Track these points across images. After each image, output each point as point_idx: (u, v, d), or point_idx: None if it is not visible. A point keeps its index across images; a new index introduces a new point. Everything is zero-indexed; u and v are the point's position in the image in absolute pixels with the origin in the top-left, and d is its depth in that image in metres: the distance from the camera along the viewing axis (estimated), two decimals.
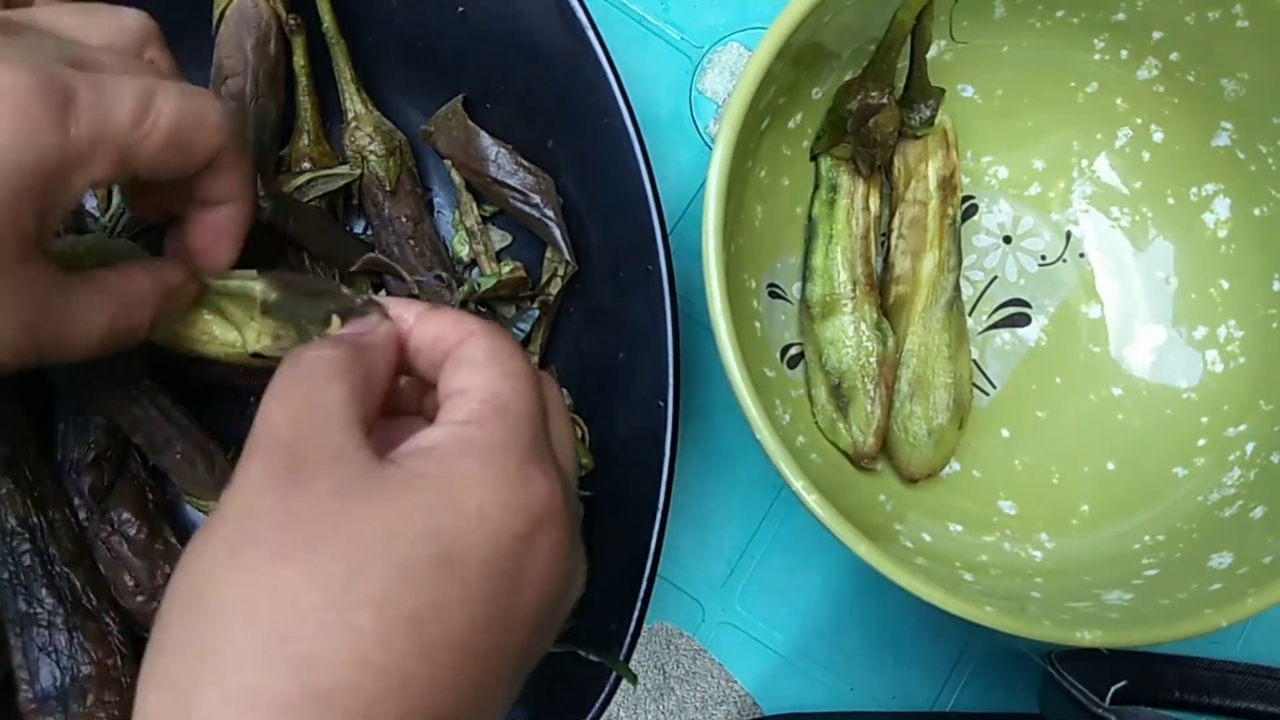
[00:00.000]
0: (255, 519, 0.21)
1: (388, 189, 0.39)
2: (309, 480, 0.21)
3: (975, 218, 0.43)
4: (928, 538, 0.40)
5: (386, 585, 0.20)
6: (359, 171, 0.39)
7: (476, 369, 0.25)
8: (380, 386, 0.25)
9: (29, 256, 0.24)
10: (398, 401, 0.28)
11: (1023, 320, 0.43)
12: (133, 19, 0.29)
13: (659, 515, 0.33)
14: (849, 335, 0.40)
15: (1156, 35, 0.40)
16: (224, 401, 0.39)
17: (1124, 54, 0.41)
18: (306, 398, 0.23)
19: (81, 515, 0.36)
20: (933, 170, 0.41)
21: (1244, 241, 0.41)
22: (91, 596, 0.36)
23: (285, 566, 0.20)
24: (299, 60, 0.38)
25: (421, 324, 0.27)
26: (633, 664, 0.40)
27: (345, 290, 0.30)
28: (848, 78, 0.40)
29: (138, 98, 0.25)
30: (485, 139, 0.38)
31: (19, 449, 0.36)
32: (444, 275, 0.39)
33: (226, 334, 0.31)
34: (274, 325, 0.30)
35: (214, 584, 0.20)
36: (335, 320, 0.28)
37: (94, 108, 0.24)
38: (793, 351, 0.42)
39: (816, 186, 0.41)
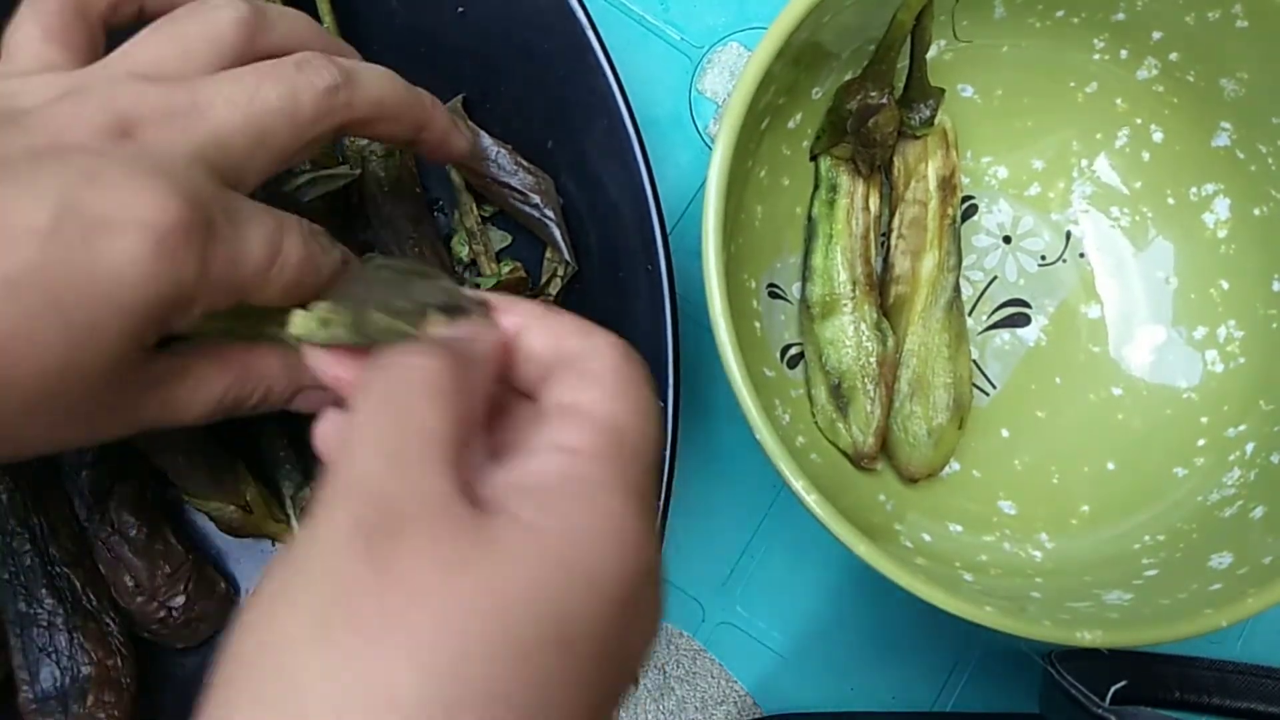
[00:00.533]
0: (345, 590, 0.18)
1: (387, 189, 0.39)
2: (406, 541, 0.18)
3: (975, 218, 0.43)
4: (928, 538, 0.40)
5: (497, 678, 0.17)
6: (359, 171, 0.39)
7: (598, 388, 0.22)
8: (481, 408, 0.22)
9: (140, 361, 0.24)
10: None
11: (1022, 320, 0.43)
12: (225, 21, 0.26)
13: (659, 515, 0.33)
14: (849, 335, 0.40)
15: (1156, 35, 0.40)
16: None
17: (1124, 54, 0.41)
18: (402, 427, 0.20)
19: (82, 515, 0.36)
20: (933, 170, 0.41)
21: (1244, 241, 0.41)
22: (91, 597, 0.36)
23: (381, 653, 0.17)
24: None
25: (538, 329, 0.23)
26: None
27: (447, 279, 0.24)
28: (847, 78, 0.40)
29: (268, 240, 0.24)
30: (485, 139, 0.38)
31: None
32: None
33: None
34: (328, 307, 0.25)
35: (294, 664, 0.17)
36: (435, 317, 0.23)
37: (230, 248, 0.23)
38: (793, 351, 0.42)
39: (816, 186, 0.41)
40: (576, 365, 0.22)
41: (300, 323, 0.25)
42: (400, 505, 0.19)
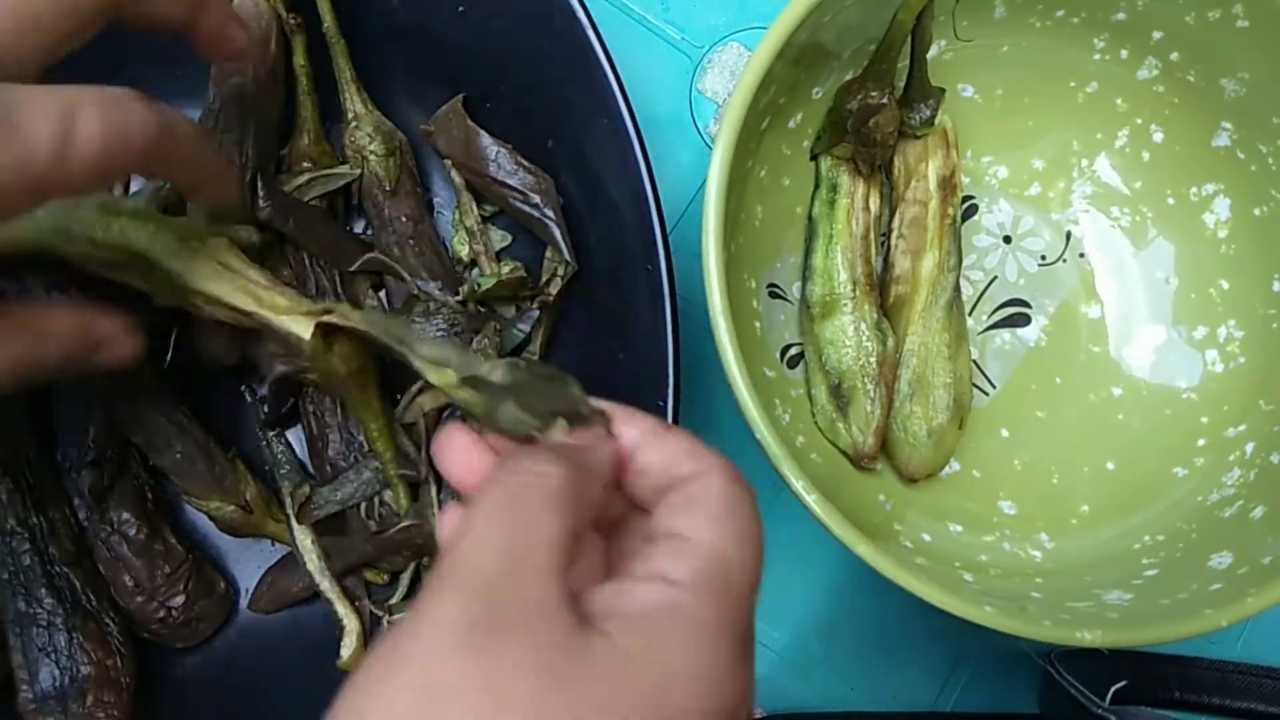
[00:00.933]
0: (447, 682, 0.18)
1: (388, 189, 0.39)
2: (508, 642, 0.18)
3: (975, 218, 0.43)
4: (927, 537, 0.40)
5: None
6: (359, 171, 0.39)
7: (706, 518, 0.22)
8: (590, 517, 0.22)
9: None
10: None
11: (1022, 320, 0.43)
12: None
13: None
14: (849, 335, 0.40)
15: (1156, 35, 0.40)
16: (224, 401, 0.39)
17: (1124, 54, 0.41)
18: (521, 531, 0.20)
19: (81, 515, 0.36)
20: (933, 170, 0.41)
21: (1244, 241, 0.41)
22: (91, 597, 0.36)
23: None
24: (299, 60, 0.38)
25: (652, 446, 0.23)
26: None
27: (576, 385, 0.25)
28: (848, 77, 0.40)
29: (55, 120, 0.23)
30: (485, 139, 0.38)
31: (19, 449, 0.36)
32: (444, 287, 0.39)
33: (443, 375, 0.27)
34: (471, 392, 0.26)
35: None
36: (560, 424, 0.24)
37: (7, 141, 0.22)
38: (793, 351, 0.42)
39: (817, 186, 0.41)
40: (685, 489, 0.22)
41: (441, 377, 0.27)
42: (505, 603, 0.19)
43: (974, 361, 0.43)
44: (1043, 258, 0.43)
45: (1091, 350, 0.43)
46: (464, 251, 0.40)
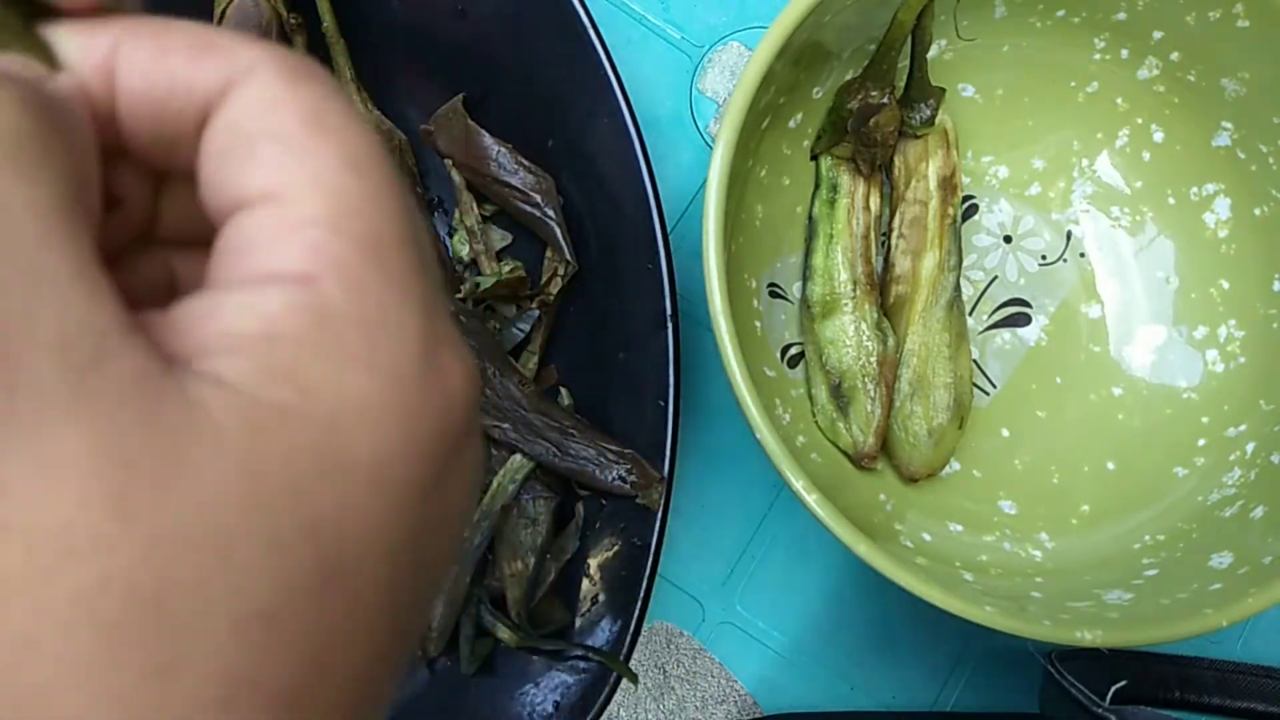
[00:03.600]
0: None
1: None
2: (19, 417, 0.10)
3: (975, 217, 0.43)
4: (928, 537, 0.40)
5: (226, 651, 0.11)
6: None
7: (290, 150, 0.13)
8: (93, 182, 0.13)
9: None
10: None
11: (1023, 320, 0.43)
12: None
13: (659, 515, 0.33)
14: (849, 335, 0.40)
15: (1157, 35, 0.40)
16: None
17: (1124, 53, 0.41)
18: None
19: None
20: (933, 170, 0.41)
21: (1244, 241, 0.41)
22: None
23: None
24: None
25: (133, 52, 0.13)
26: (633, 663, 0.40)
27: None
28: (848, 77, 0.40)
29: None
30: (485, 138, 0.38)
31: None
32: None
33: None
34: None
35: None
36: None
37: None
38: (793, 351, 0.42)
39: (817, 186, 0.41)
40: (225, 115, 0.13)
41: None
42: (11, 347, 0.10)
43: (974, 361, 0.43)
44: (1043, 257, 0.43)
45: (1092, 350, 0.43)
46: (464, 251, 0.40)
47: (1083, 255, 0.43)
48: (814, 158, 0.41)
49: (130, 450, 0.10)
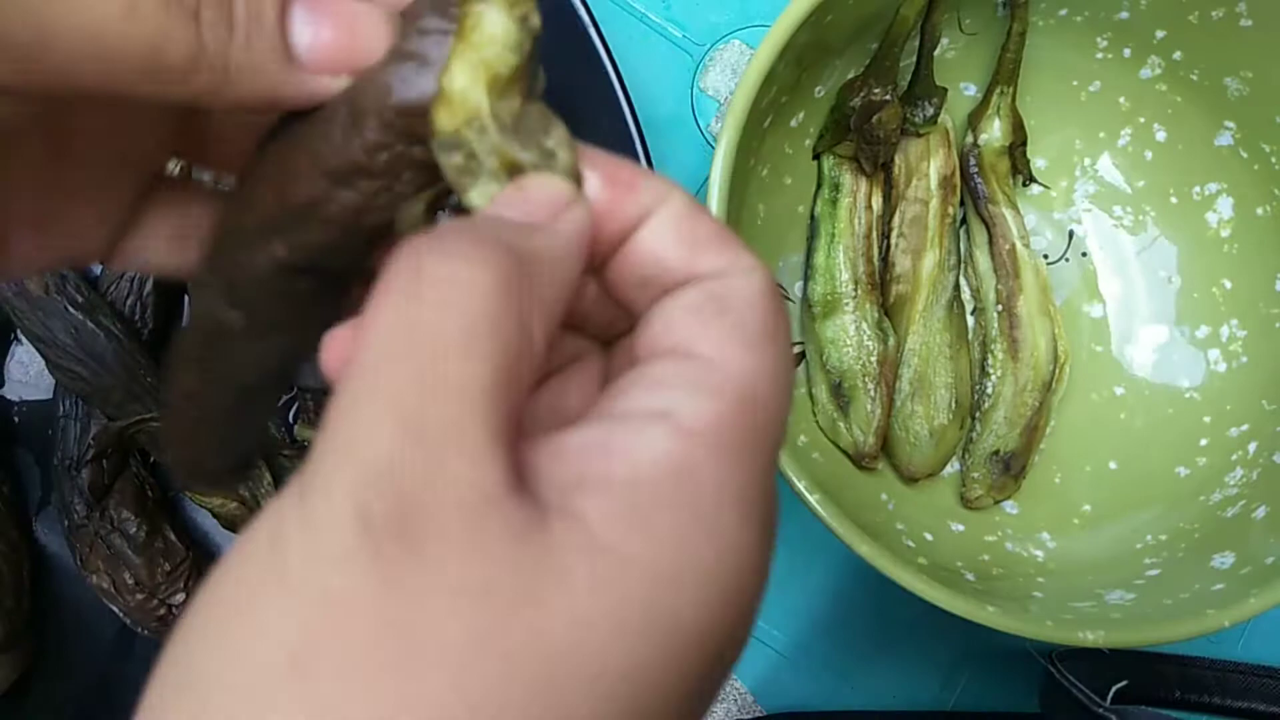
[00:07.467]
0: (336, 615, 0.12)
1: None
2: (427, 550, 0.12)
3: None
4: (929, 537, 0.40)
5: None
6: None
7: (741, 339, 0.14)
8: (548, 339, 0.15)
9: None
10: None
11: None
12: None
13: None
14: (850, 334, 0.40)
15: (1159, 34, 0.39)
16: None
17: (1127, 52, 0.41)
18: (428, 378, 0.13)
19: (81, 513, 0.36)
20: (934, 169, 0.41)
21: (1247, 241, 0.41)
22: None
23: (372, 710, 0.12)
24: None
25: (669, 224, 0.15)
26: None
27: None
28: (850, 76, 0.40)
29: None
30: None
31: None
32: None
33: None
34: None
35: (251, 709, 0.12)
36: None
37: None
38: (794, 350, 0.42)
39: (819, 185, 0.41)
40: (707, 287, 0.15)
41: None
42: (422, 496, 0.12)
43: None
44: (1045, 257, 0.43)
45: (1094, 349, 0.43)
46: None
47: (1085, 254, 0.43)
48: (816, 157, 0.41)
49: (494, 573, 0.12)
